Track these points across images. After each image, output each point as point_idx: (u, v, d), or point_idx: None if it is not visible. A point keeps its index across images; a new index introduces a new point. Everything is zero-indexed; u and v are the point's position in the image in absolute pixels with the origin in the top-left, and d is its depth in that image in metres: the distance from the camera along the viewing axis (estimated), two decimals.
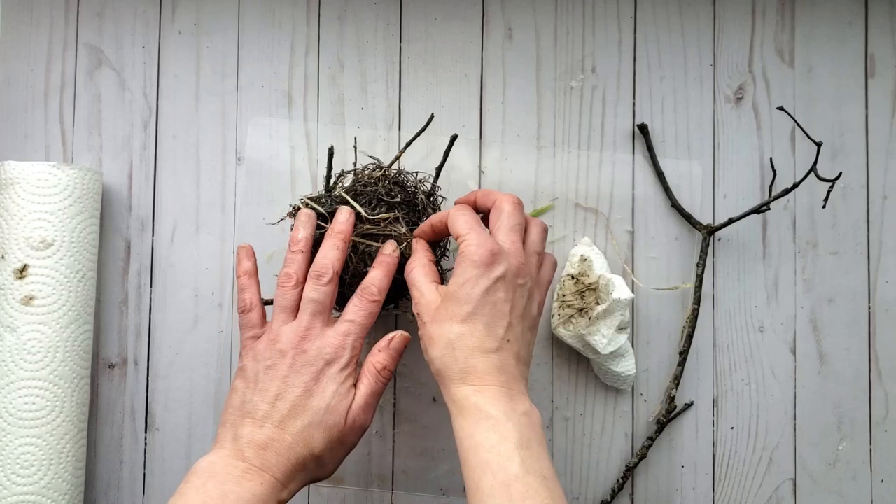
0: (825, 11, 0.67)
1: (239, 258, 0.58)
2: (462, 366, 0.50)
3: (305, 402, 0.51)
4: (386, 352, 0.55)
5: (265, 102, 0.67)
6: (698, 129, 0.67)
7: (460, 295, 0.51)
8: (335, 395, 0.52)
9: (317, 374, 0.52)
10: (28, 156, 0.66)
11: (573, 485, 0.65)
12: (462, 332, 0.50)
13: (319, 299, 0.54)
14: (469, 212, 0.54)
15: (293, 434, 0.51)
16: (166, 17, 0.67)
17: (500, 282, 0.51)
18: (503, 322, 0.51)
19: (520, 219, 0.54)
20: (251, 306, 0.56)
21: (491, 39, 0.67)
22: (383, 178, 0.58)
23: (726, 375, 0.66)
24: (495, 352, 0.50)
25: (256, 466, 0.50)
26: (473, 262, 0.51)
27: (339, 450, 0.53)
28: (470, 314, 0.50)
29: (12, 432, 0.59)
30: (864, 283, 0.66)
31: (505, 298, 0.51)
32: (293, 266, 0.55)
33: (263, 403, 0.52)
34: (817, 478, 0.66)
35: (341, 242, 0.55)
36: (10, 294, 0.59)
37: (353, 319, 0.54)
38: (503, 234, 0.53)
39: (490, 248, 0.51)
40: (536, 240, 0.56)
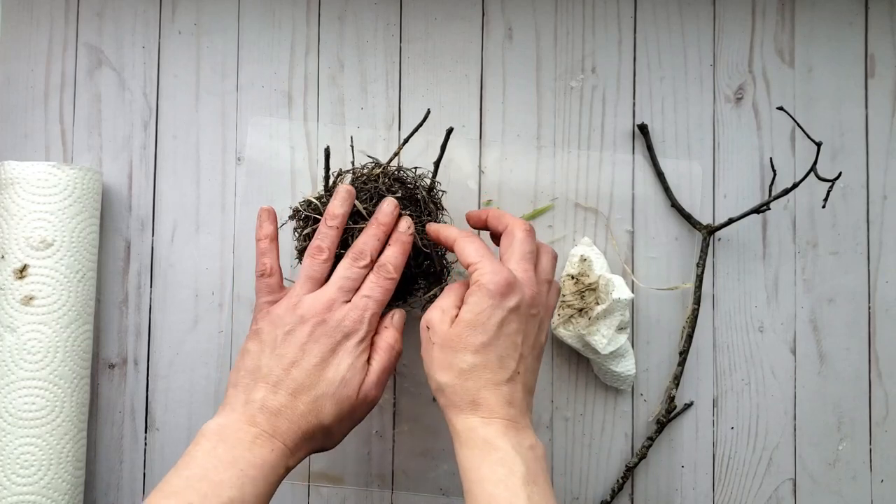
0: (825, 11, 0.67)
1: (260, 220, 0.57)
2: (473, 397, 0.50)
3: (321, 372, 0.51)
4: (392, 327, 0.55)
5: (265, 102, 0.67)
6: (698, 129, 0.67)
7: (476, 324, 0.50)
8: (350, 369, 0.52)
9: (334, 346, 0.52)
10: (28, 156, 0.66)
11: (573, 485, 0.65)
12: (475, 364, 0.50)
13: (353, 277, 0.54)
14: (478, 240, 0.54)
15: (306, 403, 0.51)
16: (166, 17, 0.67)
17: (515, 313, 0.51)
18: (515, 354, 0.51)
19: (532, 246, 0.54)
20: (271, 271, 0.56)
21: (491, 39, 0.67)
22: (382, 174, 0.58)
23: (726, 375, 0.66)
24: (506, 384, 0.50)
25: (267, 433, 0.50)
26: (490, 291, 0.50)
27: (347, 422, 0.53)
28: (484, 345, 0.50)
29: (12, 432, 0.59)
30: (864, 283, 0.66)
31: (518, 330, 0.51)
32: (326, 240, 0.55)
33: (279, 369, 0.51)
34: (817, 478, 0.66)
35: (383, 235, 0.55)
36: (10, 294, 0.59)
37: (371, 295, 0.54)
38: (515, 263, 0.53)
39: (506, 278, 0.50)
40: (548, 268, 0.55)
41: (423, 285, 0.59)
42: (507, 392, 0.50)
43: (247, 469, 0.48)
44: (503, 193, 0.66)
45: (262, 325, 0.54)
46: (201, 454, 0.48)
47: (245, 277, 0.65)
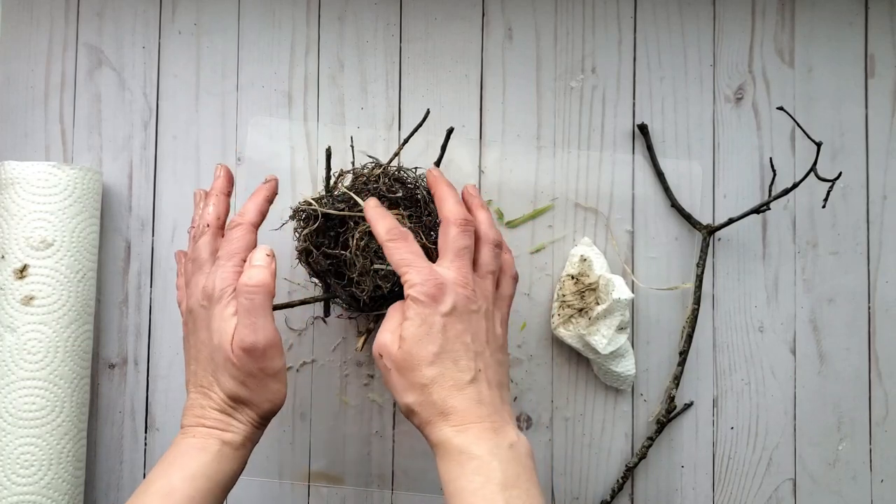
0: (825, 11, 0.67)
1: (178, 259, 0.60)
2: (440, 408, 0.49)
3: (205, 353, 0.52)
4: (250, 268, 0.51)
5: (265, 102, 0.67)
6: (698, 129, 0.67)
7: (420, 337, 0.49)
8: (218, 332, 0.51)
9: (206, 323, 0.52)
10: (28, 156, 0.66)
11: (573, 485, 0.65)
12: (434, 375, 0.49)
13: (194, 255, 0.54)
14: (404, 242, 0.52)
15: (207, 385, 0.52)
16: (166, 17, 0.67)
17: (453, 314, 0.50)
18: (469, 353, 0.50)
19: (466, 241, 0.52)
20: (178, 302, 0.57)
21: (491, 39, 0.67)
22: (383, 174, 0.58)
23: (726, 375, 0.66)
24: (470, 384, 0.49)
25: (191, 426, 0.51)
26: (421, 302, 0.49)
27: (251, 382, 0.51)
28: (436, 354, 0.49)
29: (12, 432, 0.59)
30: (864, 283, 0.66)
31: (463, 330, 0.50)
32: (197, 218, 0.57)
33: (187, 374, 0.54)
34: (817, 478, 0.66)
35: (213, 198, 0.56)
36: (10, 294, 0.59)
37: (220, 255, 0.53)
38: (448, 262, 0.51)
39: (433, 284, 0.49)
40: (488, 259, 0.54)
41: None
42: (473, 393, 0.49)
43: (173, 460, 0.50)
44: (503, 193, 0.66)
45: None
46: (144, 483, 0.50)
47: None
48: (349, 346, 0.66)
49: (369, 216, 0.53)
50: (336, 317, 0.65)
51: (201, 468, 0.49)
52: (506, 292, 0.55)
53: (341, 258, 0.56)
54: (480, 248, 0.54)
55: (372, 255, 0.56)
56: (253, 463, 0.64)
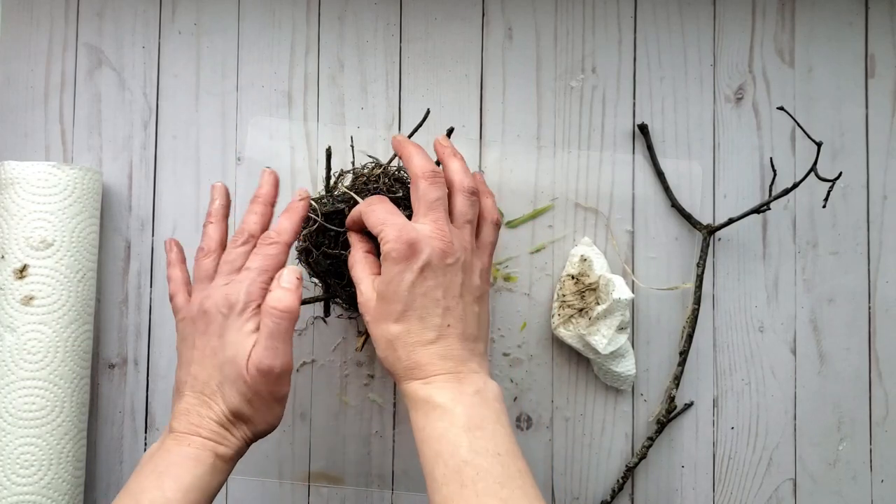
0: (825, 11, 0.67)
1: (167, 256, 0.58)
2: (406, 363, 0.50)
3: (214, 360, 0.51)
4: (278, 288, 0.51)
5: (265, 102, 0.67)
6: (698, 129, 0.67)
7: (388, 294, 0.50)
8: (233, 345, 0.50)
9: (220, 330, 0.51)
10: (28, 156, 0.66)
11: (573, 485, 0.65)
12: (398, 331, 0.50)
13: (230, 259, 0.53)
14: (380, 203, 0.52)
15: (209, 394, 0.51)
16: (166, 17, 0.67)
17: (426, 270, 0.49)
18: (437, 310, 0.50)
19: (438, 193, 0.51)
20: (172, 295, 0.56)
21: (491, 39, 0.67)
22: (383, 174, 0.58)
23: (726, 375, 0.66)
24: (435, 342, 0.50)
25: (184, 432, 0.50)
26: (393, 258, 0.49)
27: (257, 401, 0.50)
28: (402, 312, 0.50)
29: (12, 432, 0.59)
30: (865, 283, 0.66)
31: (435, 285, 0.50)
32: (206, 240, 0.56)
33: (184, 376, 0.52)
34: (817, 478, 0.66)
35: (261, 208, 0.55)
36: (10, 294, 0.59)
37: (249, 266, 0.52)
38: (423, 216, 0.51)
39: (406, 240, 0.49)
40: (464, 209, 0.53)
41: None
42: (438, 349, 0.50)
43: (165, 469, 0.48)
44: (503, 193, 0.66)
45: (176, 345, 0.55)
46: (131, 480, 0.49)
47: None
48: (349, 346, 0.66)
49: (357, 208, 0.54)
50: (336, 317, 0.65)
51: (196, 481, 0.48)
52: (487, 239, 0.54)
53: (341, 258, 0.56)
54: (454, 196, 0.53)
55: None
56: (253, 463, 0.65)
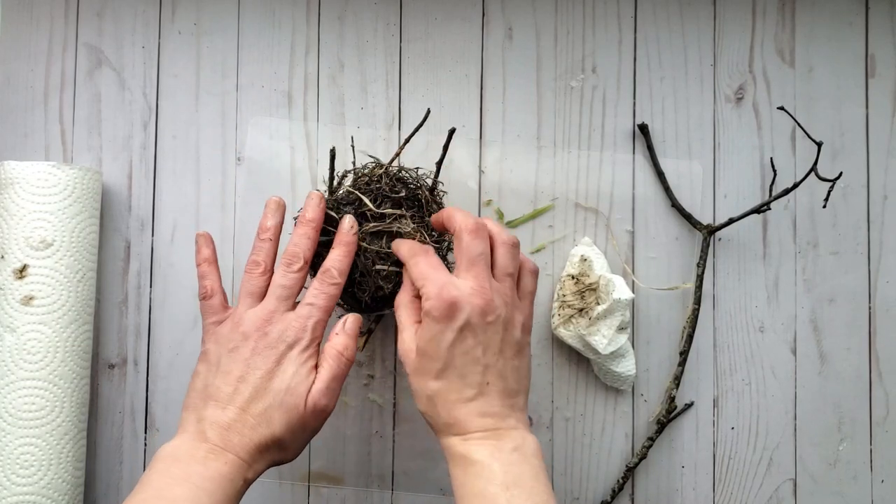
0: (825, 11, 0.67)
1: (198, 246, 0.57)
2: (445, 419, 0.50)
3: (267, 384, 0.51)
4: (343, 334, 0.54)
5: (265, 102, 0.67)
6: (698, 129, 0.67)
7: (428, 351, 0.50)
8: (294, 377, 0.52)
9: (279, 357, 0.52)
10: (28, 156, 0.66)
11: (573, 485, 0.65)
12: (438, 388, 0.50)
13: (288, 285, 0.54)
14: (424, 257, 0.53)
15: (255, 415, 0.51)
16: (166, 17, 0.67)
17: (466, 329, 0.50)
18: (477, 368, 0.50)
19: (481, 247, 0.52)
20: (212, 292, 0.56)
21: (491, 39, 0.67)
22: (385, 175, 0.58)
23: (726, 375, 0.66)
24: (475, 399, 0.50)
25: (220, 447, 0.50)
26: (433, 317, 0.50)
27: (300, 433, 0.52)
28: (441, 370, 0.50)
29: (12, 432, 0.58)
30: (865, 283, 0.66)
31: (475, 344, 0.50)
32: (261, 254, 0.55)
33: (226, 386, 0.52)
34: (818, 478, 0.66)
35: (312, 231, 0.55)
36: (10, 294, 0.59)
37: (314, 303, 0.53)
38: (464, 271, 0.51)
39: (447, 299, 0.50)
40: (506, 262, 0.53)
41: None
42: (477, 406, 0.50)
43: (201, 483, 0.48)
44: (503, 193, 0.66)
45: (208, 346, 0.54)
46: (155, 476, 0.49)
47: None
48: None
49: (395, 247, 0.55)
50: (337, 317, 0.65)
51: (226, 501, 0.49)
52: (527, 289, 0.55)
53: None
54: (496, 250, 0.54)
55: (374, 256, 0.56)
56: None
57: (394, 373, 0.65)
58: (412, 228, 0.56)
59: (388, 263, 0.56)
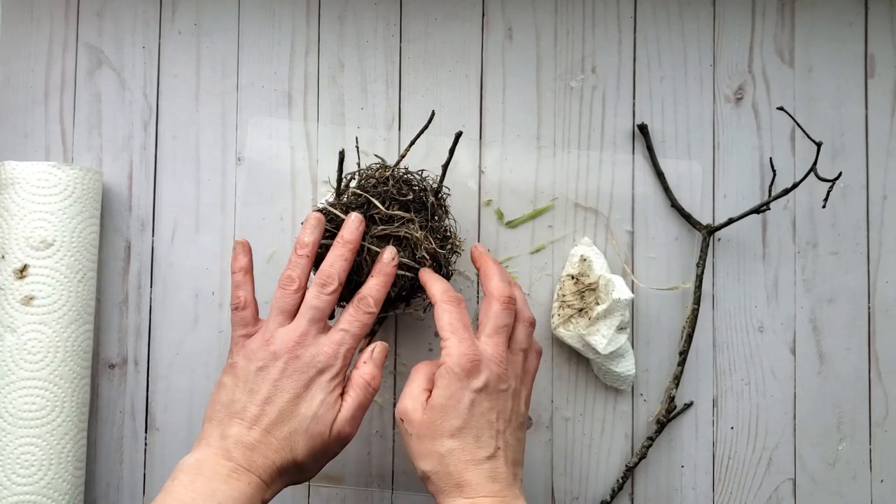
0: (825, 11, 0.67)
1: (235, 253, 0.57)
2: (456, 480, 0.50)
3: (294, 408, 0.51)
4: (371, 363, 0.54)
5: (265, 102, 0.67)
6: (698, 129, 0.67)
7: (447, 408, 0.50)
8: (322, 405, 0.52)
9: (308, 382, 0.52)
10: (28, 156, 0.66)
11: (573, 485, 0.65)
12: (453, 447, 0.50)
13: (320, 307, 0.53)
14: (456, 307, 0.53)
15: (279, 439, 0.51)
16: (166, 17, 0.67)
17: (483, 392, 0.51)
18: (492, 431, 0.51)
19: (507, 319, 0.53)
20: (245, 304, 0.55)
21: (491, 39, 0.67)
22: (392, 177, 0.58)
23: (726, 375, 0.66)
24: (488, 461, 0.50)
25: (243, 467, 0.50)
26: (455, 374, 0.51)
27: (321, 458, 0.53)
28: (459, 429, 0.50)
29: (12, 432, 0.59)
30: (864, 283, 0.66)
31: (490, 408, 0.51)
32: (297, 270, 0.54)
33: (253, 405, 0.52)
34: (817, 478, 0.66)
35: (349, 253, 0.54)
36: (10, 294, 0.59)
37: (348, 329, 0.53)
38: (487, 336, 0.53)
39: (471, 359, 0.51)
40: (522, 338, 0.55)
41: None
42: (489, 469, 0.50)
43: (224, 501, 0.48)
44: (503, 193, 0.66)
45: (237, 360, 0.54)
46: (180, 488, 0.48)
47: None
48: None
49: (424, 278, 0.55)
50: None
51: None
52: (531, 366, 0.56)
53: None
54: (517, 325, 0.55)
55: None
56: None
57: (394, 373, 0.65)
58: (421, 235, 0.56)
59: None
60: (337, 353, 0.53)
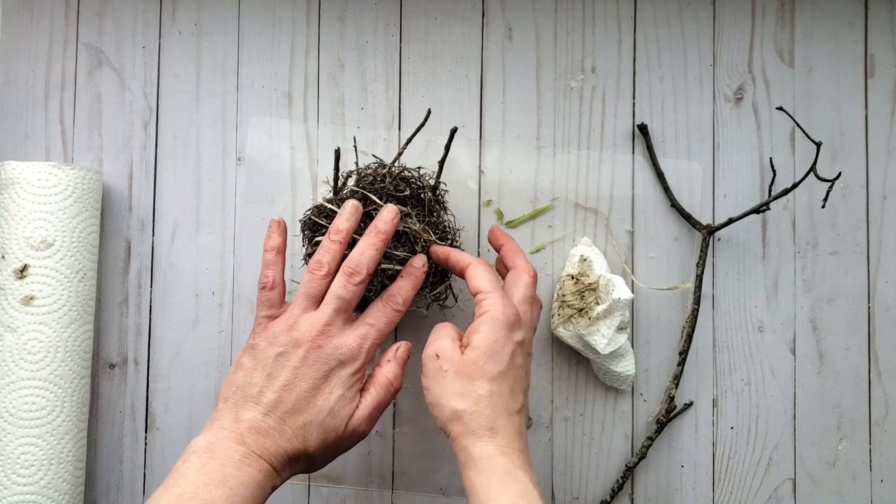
0: (825, 11, 0.68)
1: (270, 231, 0.56)
2: (491, 423, 0.49)
3: (311, 399, 0.51)
4: (395, 362, 0.54)
5: (265, 102, 0.67)
6: (698, 129, 0.67)
7: (492, 352, 0.50)
8: (340, 399, 0.51)
9: (327, 373, 0.51)
10: (28, 156, 0.66)
11: (573, 484, 0.65)
12: (493, 391, 0.50)
13: (347, 297, 0.52)
14: (490, 269, 0.55)
15: (293, 428, 0.50)
16: (166, 17, 0.67)
17: (519, 347, 0.52)
18: (521, 385, 0.52)
19: (534, 292, 0.56)
20: (273, 284, 0.54)
21: (491, 39, 0.67)
22: (388, 174, 0.58)
23: (726, 375, 0.66)
24: (517, 414, 0.51)
25: (255, 453, 0.49)
26: (501, 322, 0.51)
27: (332, 452, 0.53)
28: (500, 374, 0.50)
29: (12, 432, 0.59)
30: (864, 282, 0.67)
31: (522, 364, 0.52)
32: (328, 255, 0.53)
33: (270, 391, 0.51)
34: (817, 478, 0.66)
35: (381, 243, 0.53)
36: (10, 294, 0.59)
37: (374, 324, 0.53)
38: (517, 302, 0.54)
39: (514, 312, 0.52)
40: (537, 316, 0.57)
41: (429, 283, 0.59)
42: (518, 422, 0.50)
43: (236, 487, 0.48)
44: (503, 193, 0.66)
45: (258, 342, 0.53)
46: (191, 471, 0.48)
47: (245, 278, 0.66)
48: None
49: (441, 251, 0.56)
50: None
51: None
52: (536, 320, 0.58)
53: None
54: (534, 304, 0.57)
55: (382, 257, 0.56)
56: None
57: None
58: (420, 228, 0.56)
59: (394, 262, 0.56)
60: (361, 347, 0.52)
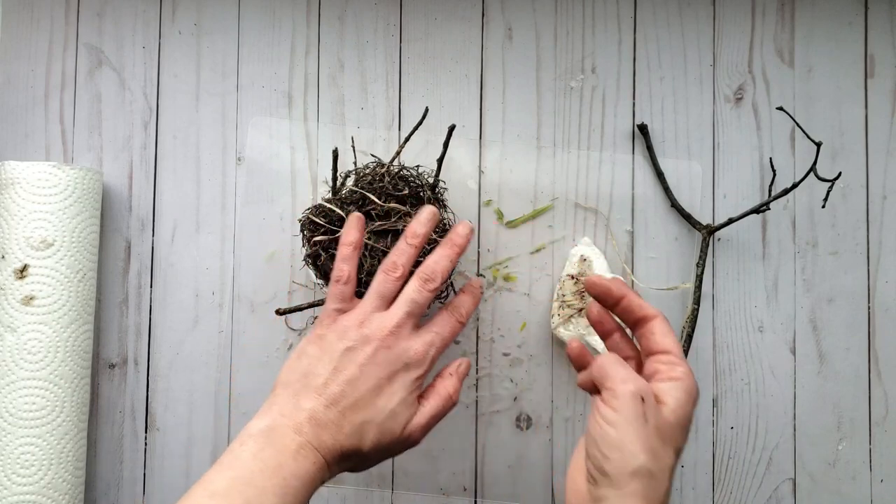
0: (825, 11, 0.68)
1: (349, 226, 0.55)
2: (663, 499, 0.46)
3: (373, 398, 0.50)
4: (456, 376, 0.54)
5: (265, 102, 0.67)
6: (698, 129, 0.67)
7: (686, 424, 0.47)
8: (401, 403, 0.51)
9: (392, 374, 0.51)
10: (28, 156, 0.66)
11: None
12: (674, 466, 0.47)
13: (420, 301, 0.53)
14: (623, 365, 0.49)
15: (352, 424, 0.50)
16: (166, 17, 0.67)
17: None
18: None
19: None
20: (348, 279, 0.54)
21: (491, 39, 0.67)
22: (387, 173, 0.58)
23: (726, 375, 0.66)
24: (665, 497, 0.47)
25: (312, 444, 0.49)
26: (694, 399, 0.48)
27: (384, 454, 0.52)
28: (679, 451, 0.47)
29: (12, 432, 0.59)
30: (864, 282, 0.67)
31: None
32: (403, 258, 0.54)
33: (334, 384, 0.50)
34: (817, 478, 0.66)
35: (455, 255, 0.55)
36: (10, 294, 0.59)
37: (440, 333, 0.53)
38: None
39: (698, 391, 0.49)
40: None
41: None
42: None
43: (289, 479, 0.47)
44: (503, 193, 0.66)
45: (326, 333, 0.52)
46: (247, 455, 0.47)
47: (245, 278, 0.66)
48: None
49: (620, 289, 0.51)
50: None
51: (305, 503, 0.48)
52: None
53: None
54: None
55: (380, 255, 0.56)
56: None
57: None
58: None
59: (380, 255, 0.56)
60: (426, 354, 0.52)
